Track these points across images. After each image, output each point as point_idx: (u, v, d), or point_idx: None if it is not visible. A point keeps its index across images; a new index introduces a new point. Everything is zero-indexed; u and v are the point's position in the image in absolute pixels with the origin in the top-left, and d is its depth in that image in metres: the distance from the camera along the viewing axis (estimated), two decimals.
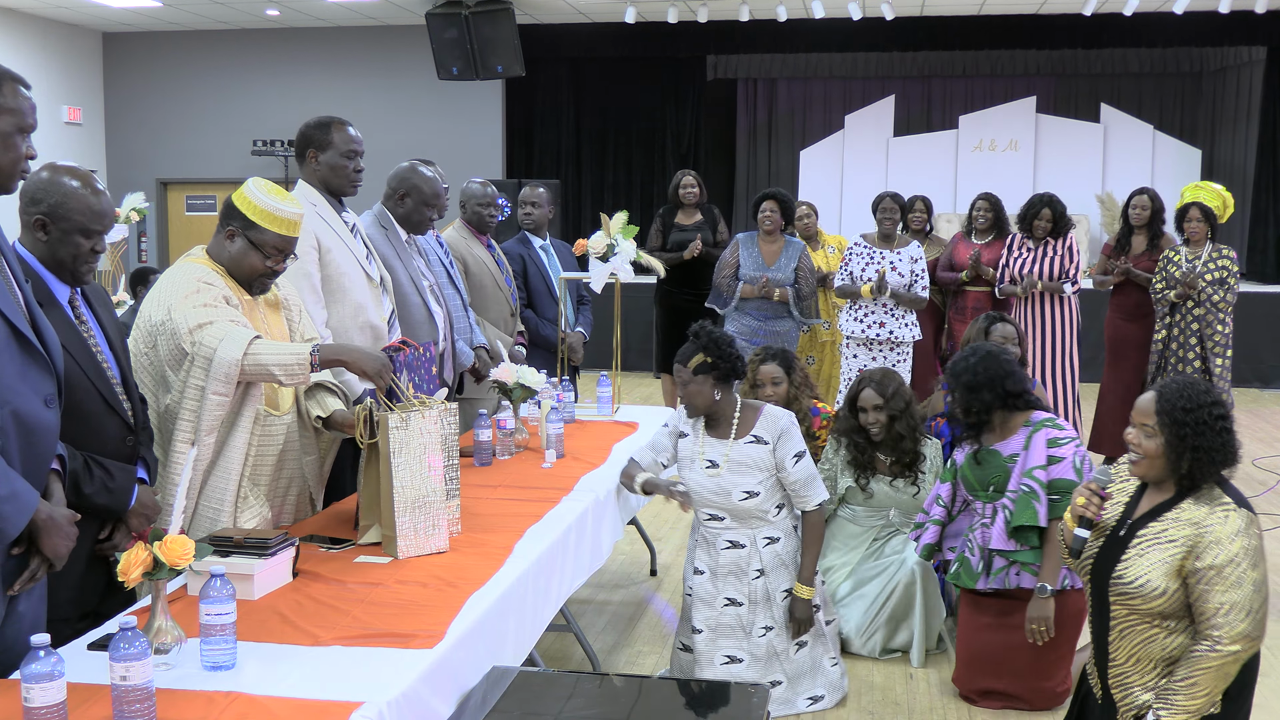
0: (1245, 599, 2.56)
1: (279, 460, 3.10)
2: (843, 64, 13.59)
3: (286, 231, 3.02)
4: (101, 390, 2.60)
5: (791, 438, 3.73)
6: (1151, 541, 2.66)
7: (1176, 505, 2.67)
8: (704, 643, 3.78)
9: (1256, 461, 7.54)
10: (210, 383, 2.85)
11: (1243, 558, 2.57)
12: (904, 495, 4.43)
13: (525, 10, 11.71)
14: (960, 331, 7.11)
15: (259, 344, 2.88)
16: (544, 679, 2.62)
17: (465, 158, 12.06)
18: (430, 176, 4.27)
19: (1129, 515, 2.76)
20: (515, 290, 5.39)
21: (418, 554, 2.89)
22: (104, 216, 2.59)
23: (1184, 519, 2.64)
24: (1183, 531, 2.62)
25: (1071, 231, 6.93)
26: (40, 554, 2.19)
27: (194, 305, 2.90)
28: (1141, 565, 2.65)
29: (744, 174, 13.99)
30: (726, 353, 3.68)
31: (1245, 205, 12.09)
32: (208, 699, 2.06)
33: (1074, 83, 13.54)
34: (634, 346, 10.26)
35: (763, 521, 3.78)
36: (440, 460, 2.94)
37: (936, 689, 4.07)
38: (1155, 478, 2.71)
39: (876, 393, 4.40)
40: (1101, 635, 2.79)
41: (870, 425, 4.40)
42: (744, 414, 3.78)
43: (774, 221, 6.66)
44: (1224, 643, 2.56)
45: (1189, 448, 2.61)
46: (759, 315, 6.60)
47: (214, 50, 13.03)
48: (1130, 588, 2.66)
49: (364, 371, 2.98)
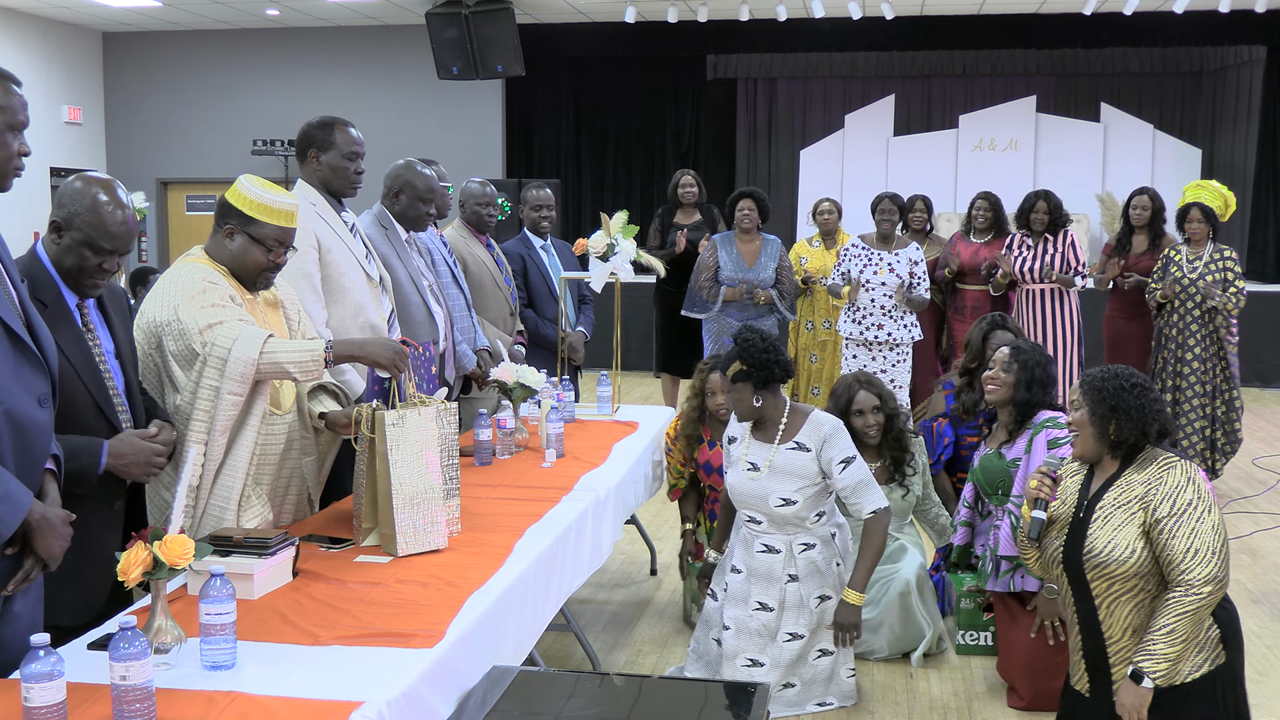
0: (1206, 542, 2.72)
1: (280, 459, 3.10)
2: (843, 64, 13.59)
3: (284, 223, 3.03)
4: (98, 400, 2.60)
5: (836, 443, 3.65)
6: (1109, 510, 2.85)
7: (1123, 474, 2.88)
8: (729, 639, 3.79)
9: (1256, 461, 7.54)
10: (225, 382, 2.84)
11: (1197, 502, 2.75)
12: (894, 498, 4.35)
13: (525, 10, 11.71)
14: (960, 331, 7.11)
15: (273, 342, 2.88)
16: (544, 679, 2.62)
17: (465, 158, 12.06)
18: (423, 172, 4.26)
19: (1084, 498, 2.94)
20: (514, 290, 5.39)
21: (416, 551, 2.89)
22: (114, 236, 2.57)
23: (1134, 481, 2.84)
24: (1134, 492, 2.82)
25: (1070, 227, 6.95)
26: (34, 554, 2.18)
27: (202, 305, 2.89)
28: (1106, 534, 2.83)
29: (744, 174, 13.99)
30: (763, 358, 3.60)
31: (1245, 205, 12.10)
32: (208, 699, 2.06)
33: (1074, 82, 13.54)
34: (634, 346, 10.26)
35: (799, 528, 3.75)
36: (437, 458, 2.93)
37: (936, 690, 4.07)
38: (1090, 451, 2.92)
39: (873, 394, 4.33)
40: (1091, 619, 2.90)
41: (868, 429, 4.31)
42: (791, 418, 3.71)
43: (752, 220, 6.67)
44: (1195, 586, 2.69)
45: (1108, 408, 2.84)
46: (739, 316, 6.60)
47: (214, 50, 13.03)
48: (1101, 558, 2.82)
49: (378, 362, 2.99)
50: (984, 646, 4.28)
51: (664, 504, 4.47)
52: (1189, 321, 6.36)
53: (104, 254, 2.57)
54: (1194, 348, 6.36)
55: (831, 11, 11.10)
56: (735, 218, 6.73)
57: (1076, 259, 6.78)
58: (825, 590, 3.77)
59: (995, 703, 3.96)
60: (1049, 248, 6.81)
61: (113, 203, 2.57)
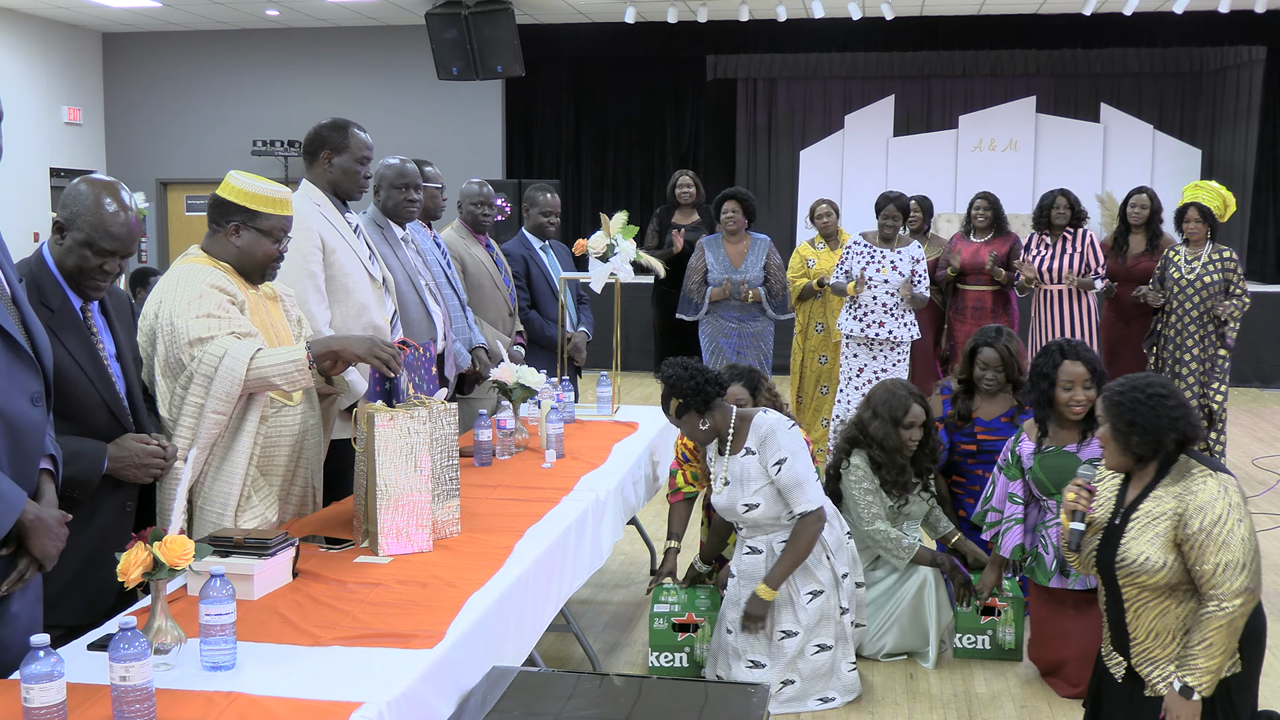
0: (1238, 556, 2.77)
1: (291, 450, 3.11)
2: (843, 64, 13.59)
3: (286, 211, 3.08)
4: (107, 400, 2.61)
5: (771, 444, 3.75)
6: (1143, 522, 2.90)
7: (1158, 485, 2.92)
8: (732, 641, 3.86)
9: (1256, 461, 7.54)
10: (210, 401, 2.85)
11: (1227, 517, 2.79)
12: (926, 506, 4.44)
13: (525, 10, 11.71)
14: (960, 332, 7.11)
15: (260, 357, 2.87)
16: (544, 679, 2.62)
17: (465, 158, 12.06)
18: (391, 161, 4.32)
19: (1120, 505, 3.00)
20: (513, 290, 5.38)
21: (399, 552, 2.89)
22: (115, 238, 2.58)
23: (1167, 494, 2.89)
24: (1168, 505, 2.87)
25: (1086, 225, 6.95)
26: (29, 555, 2.18)
27: (196, 314, 2.88)
28: (1139, 545, 2.88)
29: (744, 174, 13.99)
30: (693, 384, 3.72)
31: (1245, 205, 12.10)
32: (207, 699, 2.06)
33: (1074, 83, 13.54)
34: (634, 346, 10.26)
35: (776, 528, 3.83)
36: (428, 461, 2.92)
37: (936, 689, 4.07)
38: (1118, 462, 2.98)
39: (922, 406, 4.32)
40: (1119, 618, 3.00)
41: (912, 441, 4.31)
42: (738, 427, 3.82)
43: (737, 222, 6.68)
44: (1227, 599, 2.76)
45: (1125, 423, 2.89)
46: (731, 317, 6.61)
47: (214, 50, 13.03)
48: (1134, 567, 2.89)
49: (357, 356, 2.97)
50: (982, 650, 4.29)
51: (665, 505, 4.47)
52: (1187, 323, 6.34)
53: (105, 255, 2.57)
54: (1192, 349, 6.35)
55: (831, 12, 11.10)
56: (720, 220, 6.74)
57: (1096, 260, 6.78)
58: (815, 586, 3.82)
59: (996, 703, 3.96)
60: (1068, 247, 6.81)
61: (115, 204, 2.58)
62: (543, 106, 13.32)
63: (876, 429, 4.29)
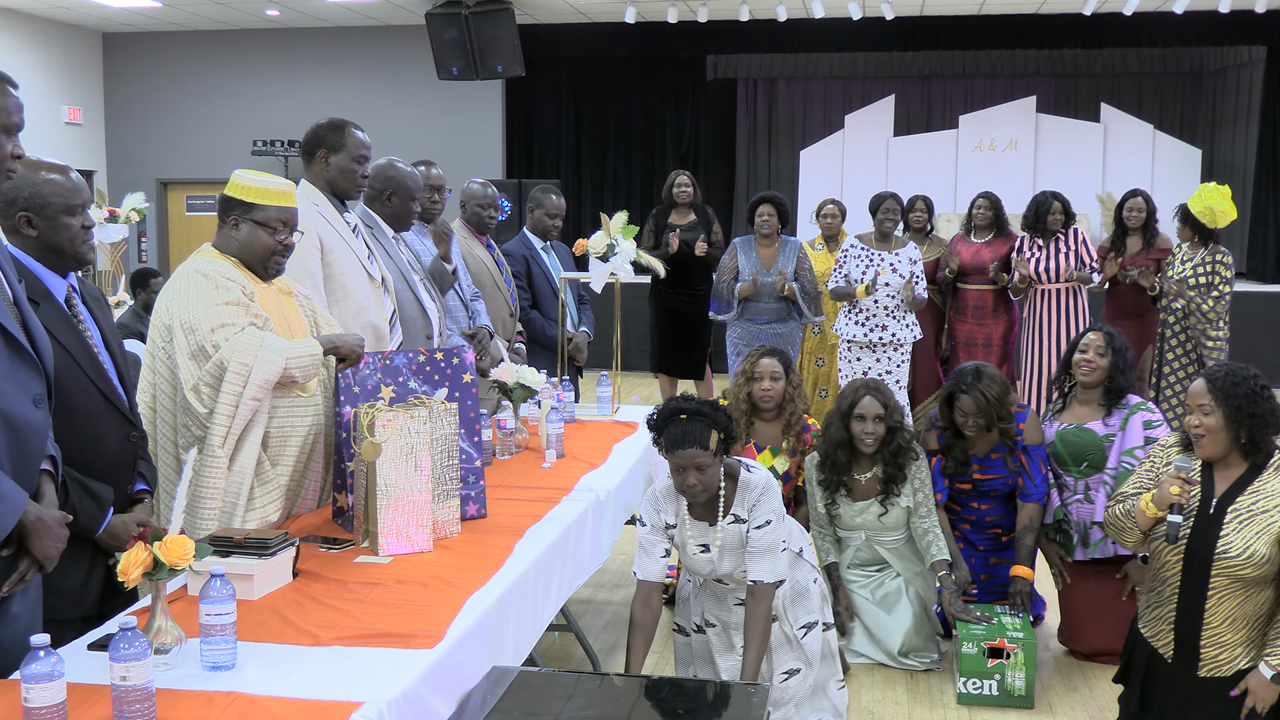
0: None
1: (304, 440, 3.12)
2: (843, 64, 13.60)
3: (284, 202, 3.09)
4: (101, 387, 2.60)
5: (760, 508, 3.32)
6: (1246, 515, 2.98)
7: (1257, 479, 3.01)
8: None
9: None
10: (249, 388, 2.91)
11: None
12: (868, 516, 4.24)
13: (525, 10, 11.71)
14: (960, 332, 7.11)
15: (291, 348, 2.97)
16: (544, 679, 2.62)
17: (465, 158, 12.06)
18: (410, 171, 4.26)
19: (1210, 494, 3.06)
20: (514, 290, 5.38)
21: (399, 552, 2.89)
22: (80, 191, 2.64)
23: (1272, 490, 2.98)
24: (1275, 502, 2.96)
25: (1076, 225, 6.99)
26: (30, 556, 2.17)
27: (216, 303, 2.94)
28: (1244, 538, 2.96)
29: (744, 174, 14.00)
30: (725, 417, 3.23)
31: (1245, 205, 12.09)
32: (208, 699, 2.06)
33: (1074, 82, 13.55)
34: (634, 346, 10.24)
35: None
36: (428, 461, 2.92)
37: (936, 692, 4.07)
38: (1220, 452, 3.04)
39: (879, 402, 4.15)
40: (1196, 602, 3.05)
41: (865, 435, 4.14)
42: (727, 486, 3.34)
43: (771, 225, 6.62)
44: None
45: (1245, 415, 2.97)
46: (760, 319, 6.58)
47: (214, 50, 13.03)
48: (1238, 560, 2.96)
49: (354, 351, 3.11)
50: (989, 696, 3.97)
51: None
52: (1170, 321, 6.42)
53: (79, 212, 2.60)
54: (1175, 348, 6.41)
55: (831, 12, 11.10)
56: (755, 223, 6.68)
57: (1090, 256, 6.82)
58: (810, 618, 3.61)
59: (996, 706, 3.96)
60: (1061, 246, 6.83)
61: (54, 169, 2.60)
62: (543, 106, 13.32)
63: (827, 421, 4.28)
